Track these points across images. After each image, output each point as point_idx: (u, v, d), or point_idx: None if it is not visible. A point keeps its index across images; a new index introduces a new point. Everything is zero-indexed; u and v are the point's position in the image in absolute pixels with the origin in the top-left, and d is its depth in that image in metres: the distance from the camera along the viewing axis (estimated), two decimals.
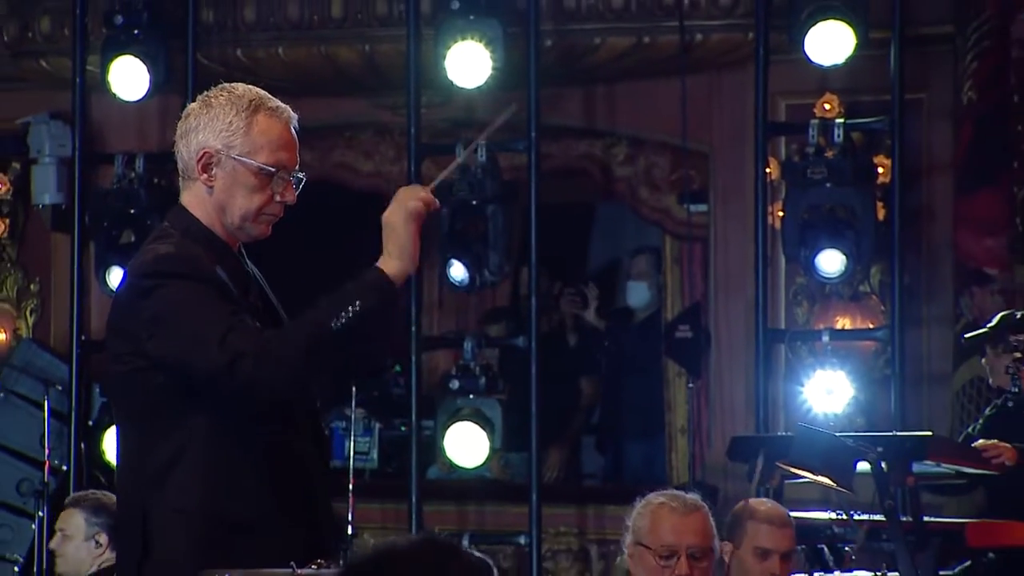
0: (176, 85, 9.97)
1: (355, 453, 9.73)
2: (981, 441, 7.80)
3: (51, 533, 8.44)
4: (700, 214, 10.70)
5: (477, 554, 3.00)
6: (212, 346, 4.51)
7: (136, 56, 10.01)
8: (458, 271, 9.88)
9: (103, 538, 7.97)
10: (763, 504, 6.79)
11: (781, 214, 9.78)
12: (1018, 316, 8.27)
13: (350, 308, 4.59)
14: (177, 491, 4.62)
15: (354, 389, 9.37)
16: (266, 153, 4.78)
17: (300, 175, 4.84)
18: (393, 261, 4.67)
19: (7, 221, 10.94)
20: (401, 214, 4.74)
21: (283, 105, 4.85)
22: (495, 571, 2.96)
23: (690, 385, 10.93)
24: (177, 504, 4.61)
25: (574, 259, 12.38)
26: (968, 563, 7.72)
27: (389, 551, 2.99)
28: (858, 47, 9.45)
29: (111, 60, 10.04)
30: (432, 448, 10.08)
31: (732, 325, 10.34)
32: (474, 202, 9.81)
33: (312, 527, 4.71)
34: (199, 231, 4.77)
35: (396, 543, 3.01)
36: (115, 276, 9.88)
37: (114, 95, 10.12)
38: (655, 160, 10.80)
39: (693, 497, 6.32)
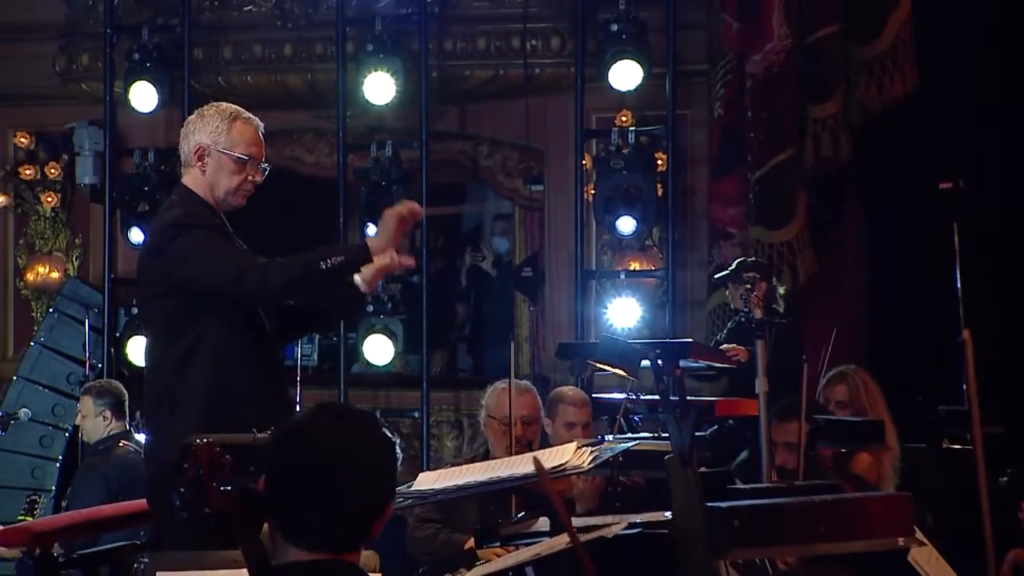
0: (176, 102, 9.90)
1: (301, 355, 9.77)
2: (725, 345, 7.97)
3: None
4: (538, 192, 10.72)
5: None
6: (227, 267, 4.71)
7: (148, 81, 9.97)
8: (372, 231, 9.94)
9: (108, 413, 7.95)
10: (569, 391, 6.90)
11: (593, 192, 9.84)
12: (749, 261, 8.37)
13: (335, 258, 4.75)
14: (195, 371, 4.75)
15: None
16: (242, 147, 4.89)
17: (265, 165, 4.96)
18: (378, 242, 4.83)
19: (59, 195, 10.83)
20: (394, 218, 4.85)
21: (254, 117, 4.98)
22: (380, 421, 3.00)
23: (531, 308, 10.98)
24: (195, 380, 4.74)
25: (453, 223, 12.40)
26: (716, 427, 7.87)
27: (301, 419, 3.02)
28: (644, 78, 9.55)
29: (131, 84, 10.00)
30: (355, 351, 10.07)
31: (559, 268, 10.34)
32: (383, 183, 9.86)
33: (279, 400, 4.86)
34: (198, 201, 4.88)
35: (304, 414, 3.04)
36: (134, 234, 9.89)
37: (133, 108, 10.07)
38: (508, 155, 10.73)
39: (525, 383, 6.45)
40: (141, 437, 7.98)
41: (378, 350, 9.94)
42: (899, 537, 4.00)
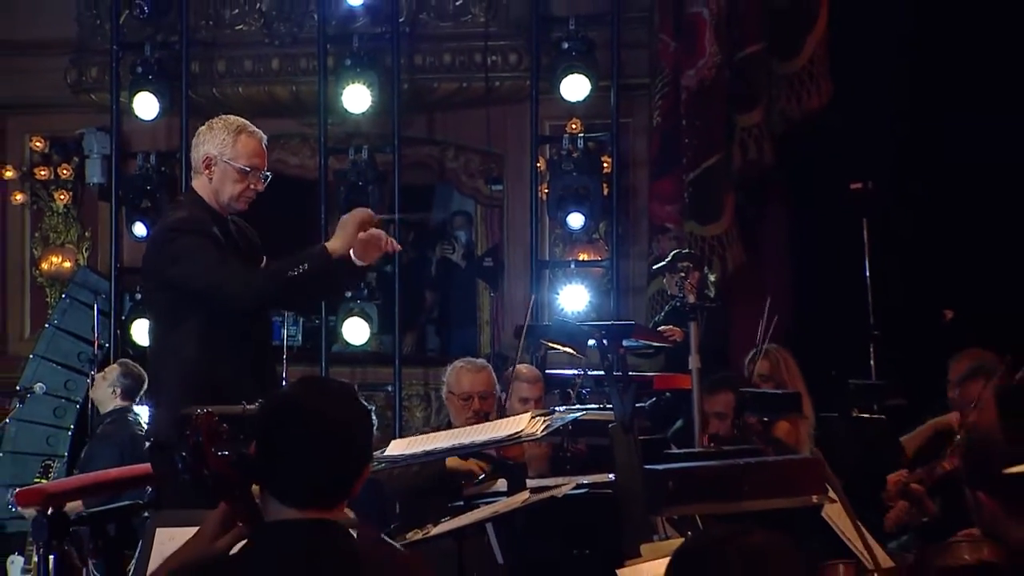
0: (175, 111, 9.88)
1: (287, 336, 9.76)
2: (662, 327, 7.97)
3: None
4: (498, 191, 10.72)
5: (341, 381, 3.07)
6: (212, 275, 4.69)
7: (150, 92, 9.91)
8: None
9: (118, 391, 8.03)
10: (523, 368, 6.87)
11: (546, 191, 9.84)
12: (684, 252, 8.36)
13: (301, 267, 4.73)
14: (182, 360, 4.74)
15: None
16: (245, 159, 4.86)
17: (267, 173, 4.94)
18: (336, 244, 4.78)
19: (71, 194, 10.78)
20: (354, 223, 4.83)
21: (258, 130, 4.96)
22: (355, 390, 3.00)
23: (492, 294, 11.01)
24: (183, 369, 4.73)
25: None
26: (654, 399, 7.89)
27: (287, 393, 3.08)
28: (592, 90, 9.56)
29: (135, 94, 9.94)
30: (335, 332, 10.04)
31: (516, 258, 10.33)
32: (360, 183, 9.85)
33: (261, 383, 4.81)
34: (202, 204, 4.87)
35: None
36: (138, 228, 9.86)
37: (137, 116, 10.02)
38: (471, 158, 10.72)
39: (481, 361, 6.44)
40: (140, 410, 8.10)
41: (355, 331, 9.93)
42: (813, 495, 4.04)
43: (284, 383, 9.43)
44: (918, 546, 5.44)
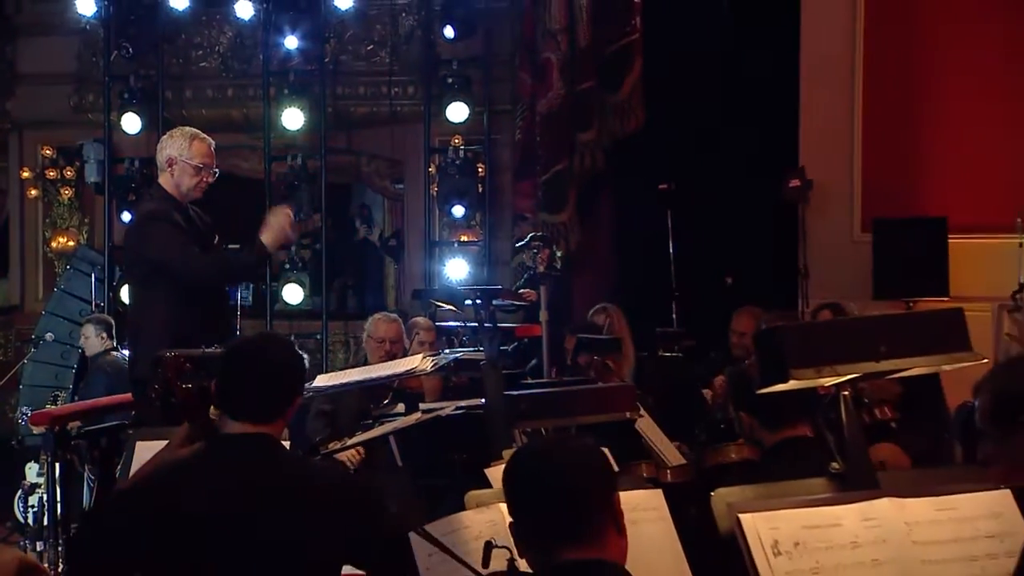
0: (153, 127, 9.69)
1: (241, 297, 9.64)
2: (522, 290, 8.02)
3: None
4: (400, 189, 10.66)
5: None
6: (175, 255, 4.64)
7: (134, 113, 9.77)
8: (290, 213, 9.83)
9: (104, 334, 7.99)
10: (421, 320, 6.90)
11: (436, 189, 9.83)
12: (537, 235, 8.34)
13: (245, 259, 4.74)
14: (157, 316, 4.68)
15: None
16: (198, 159, 4.81)
17: (216, 169, 4.89)
18: (269, 240, 4.78)
19: (73, 190, 10.60)
20: (280, 221, 4.84)
21: (207, 136, 4.90)
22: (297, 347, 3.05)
23: (395, 266, 11.01)
24: (154, 324, 4.67)
25: (343, 208, 12.26)
26: (515, 344, 7.93)
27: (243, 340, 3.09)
28: (470, 114, 9.58)
29: (122, 114, 9.79)
30: (276, 294, 9.95)
31: (414, 238, 10.29)
32: (295, 182, 9.78)
33: (217, 333, 4.76)
34: (167, 196, 4.81)
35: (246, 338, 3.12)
36: (125, 216, 9.71)
37: (124, 131, 9.85)
38: (380, 164, 10.63)
39: (393, 315, 6.43)
40: (126, 352, 7.99)
41: (292, 293, 9.87)
42: (627, 412, 4.12)
43: (238, 334, 9.45)
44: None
